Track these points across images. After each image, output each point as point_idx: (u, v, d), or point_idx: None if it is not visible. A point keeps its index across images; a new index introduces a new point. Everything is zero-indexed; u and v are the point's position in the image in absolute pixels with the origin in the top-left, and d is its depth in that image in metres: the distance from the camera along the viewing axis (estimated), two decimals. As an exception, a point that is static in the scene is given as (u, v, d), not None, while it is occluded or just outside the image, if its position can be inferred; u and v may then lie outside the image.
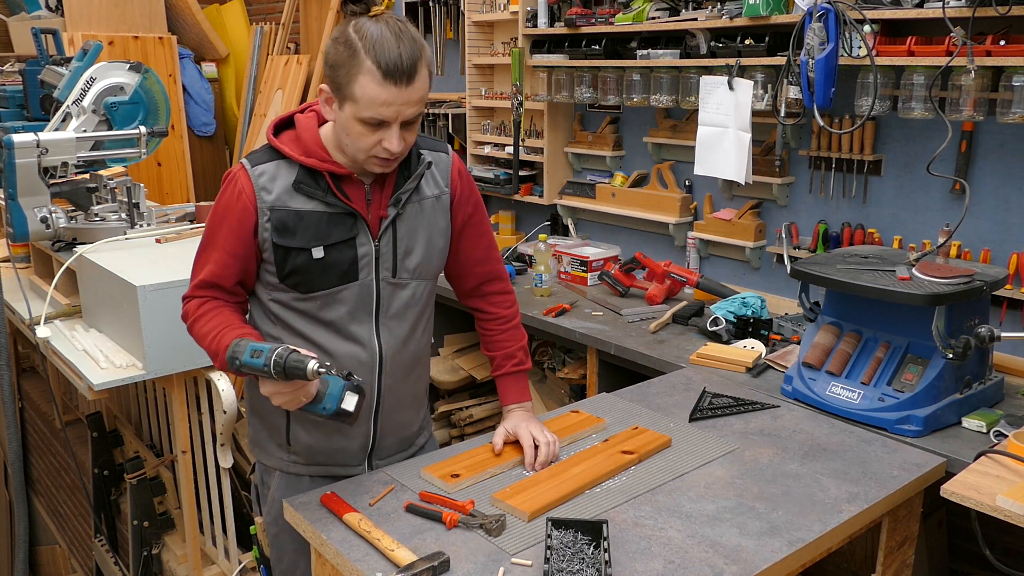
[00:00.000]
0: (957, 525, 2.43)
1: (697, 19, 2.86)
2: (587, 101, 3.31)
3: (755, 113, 2.77)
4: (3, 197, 2.90)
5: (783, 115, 2.68)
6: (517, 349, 1.91)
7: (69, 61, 3.21)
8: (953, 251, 2.46)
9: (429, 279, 1.79)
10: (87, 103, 2.94)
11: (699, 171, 2.98)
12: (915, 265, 2.10)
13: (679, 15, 2.93)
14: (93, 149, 2.93)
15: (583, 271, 3.29)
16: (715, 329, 2.58)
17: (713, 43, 2.86)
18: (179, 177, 5.22)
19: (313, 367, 1.46)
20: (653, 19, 3.00)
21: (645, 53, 3.06)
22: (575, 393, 3.16)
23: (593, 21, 3.19)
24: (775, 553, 1.47)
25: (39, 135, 2.72)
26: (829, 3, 2.42)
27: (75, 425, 3.58)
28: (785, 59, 2.58)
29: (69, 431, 3.28)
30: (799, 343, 2.36)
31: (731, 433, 1.95)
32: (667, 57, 2.99)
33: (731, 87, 2.78)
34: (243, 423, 1.95)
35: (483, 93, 3.87)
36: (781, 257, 2.86)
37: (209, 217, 1.69)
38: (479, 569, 1.42)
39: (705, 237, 3.15)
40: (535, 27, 3.41)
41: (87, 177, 3.03)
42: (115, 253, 2.66)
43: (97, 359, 2.41)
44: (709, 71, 2.88)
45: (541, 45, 3.45)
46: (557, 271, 3.39)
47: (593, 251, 3.34)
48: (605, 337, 2.67)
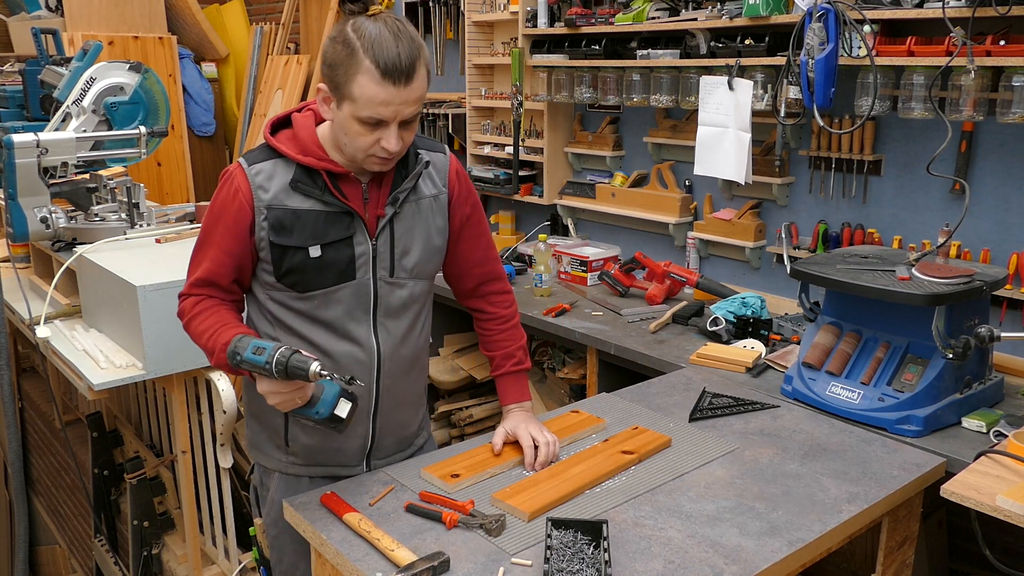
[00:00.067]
0: (957, 525, 2.43)
1: (697, 19, 2.86)
2: (587, 101, 3.31)
3: (755, 113, 2.77)
4: (3, 197, 2.90)
5: (783, 115, 2.68)
6: (516, 349, 1.91)
7: (69, 61, 3.21)
8: (953, 251, 2.46)
9: (426, 279, 1.79)
10: (87, 103, 2.94)
11: (699, 171, 2.98)
12: (915, 265, 2.10)
13: (679, 15, 2.93)
14: (93, 149, 2.93)
15: (583, 271, 3.29)
16: (715, 329, 2.58)
17: (713, 43, 2.86)
18: (179, 177, 5.23)
19: (316, 369, 1.46)
20: (653, 19, 3.00)
21: (645, 53, 3.05)
22: (575, 393, 3.16)
23: (593, 21, 3.19)
24: (775, 553, 1.47)
25: (39, 135, 2.72)
26: (829, 3, 2.42)
27: (75, 425, 3.58)
28: (785, 59, 2.58)
29: (69, 431, 3.28)
30: (799, 343, 2.36)
31: (731, 433, 1.95)
32: (667, 57, 2.99)
33: (731, 87, 2.78)
34: (243, 423, 1.94)
35: (483, 93, 3.87)
36: (781, 257, 2.86)
37: (206, 215, 1.69)
38: (479, 569, 1.42)
39: (705, 237, 3.15)
40: (535, 27, 3.41)
41: (87, 177, 3.03)
42: (115, 253, 2.66)
43: (97, 359, 2.41)
44: (709, 71, 2.88)
45: (541, 45, 3.45)
46: (557, 271, 3.39)
47: (593, 251, 3.34)
48: (605, 337, 2.68)
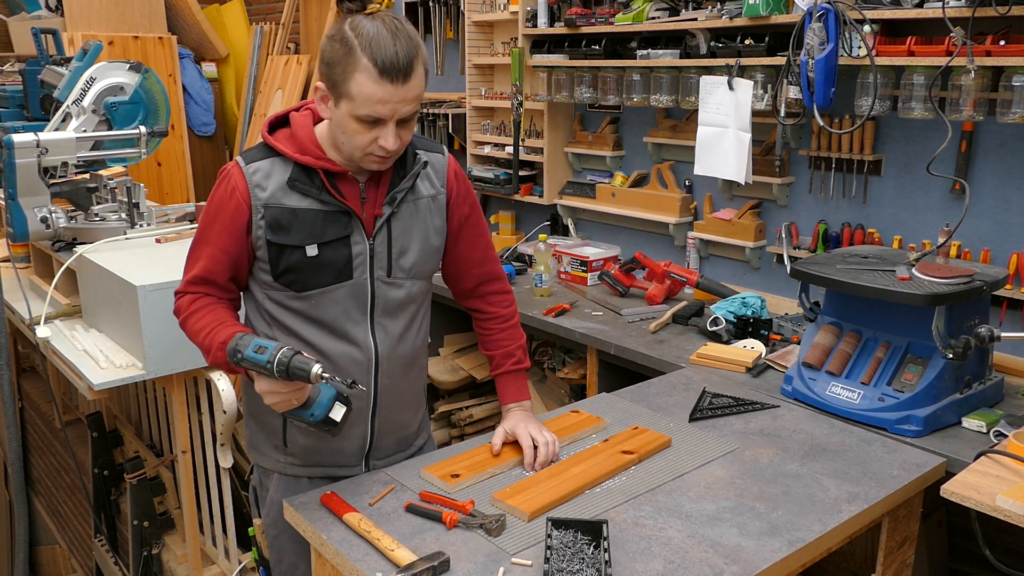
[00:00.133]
0: (957, 525, 2.43)
1: (697, 19, 2.86)
2: (587, 101, 3.31)
3: (755, 113, 2.77)
4: (3, 197, 2.90)
5: (783, 115, 2.68)
6: (516, 348, 1.91)
7: (69, 61, 3.21)
8: (953, 251, 2.46)
9: (424, 279, 1.79)
10: (87, 103, 2.94)
11: (699, 171, 2.98)
12: (915, 265, 2.09)
13: (679, 15, 2.93)
14: (93, 149, 2.93)
15: (583, 271, 3.29)
16: (715, 329, 2.58)
17: (713, 43, 2.86)
18: (179, 177, 5.23)
19: (318, 371, 1.46)
20: (653, 19, 3.00)
21: (645, 53, 3.05)
22: (575, 393, 3.16)
23: (593, 21, 3.19)
24: (775, 553, 1.47)
25: (39, 135, 2.72)
26: (829, 3, 2.42)
27: (75, 425, 3.58)
28: (785, 59, 2.58)
29: (69, 431, 3.28)
30: (799, 343, 2.36)
31: (731, 433, 1.95)
32: (667, 57, 2.99)
33: (731, 87, 2.78)
34: (243, 423, 1.94)
35: (483, 93, 3.87)
36: (781, 257, 2.86)
37: (203, 213, 1.69)
38: (479, 569, 1.42)
39: (705, 237, 3.15)
40: (535, 27, 3.41)
41: (87, 177, 3.03)
42: (115, 253, 2.66)
43: (97, 359, 2.41)
44: (709, 71, 2.88)
45: (541, 45, 3.45)
46: (557, 271, 3.39)
47: (593, 251, 3.34)
48: (605, 337, 2.67)
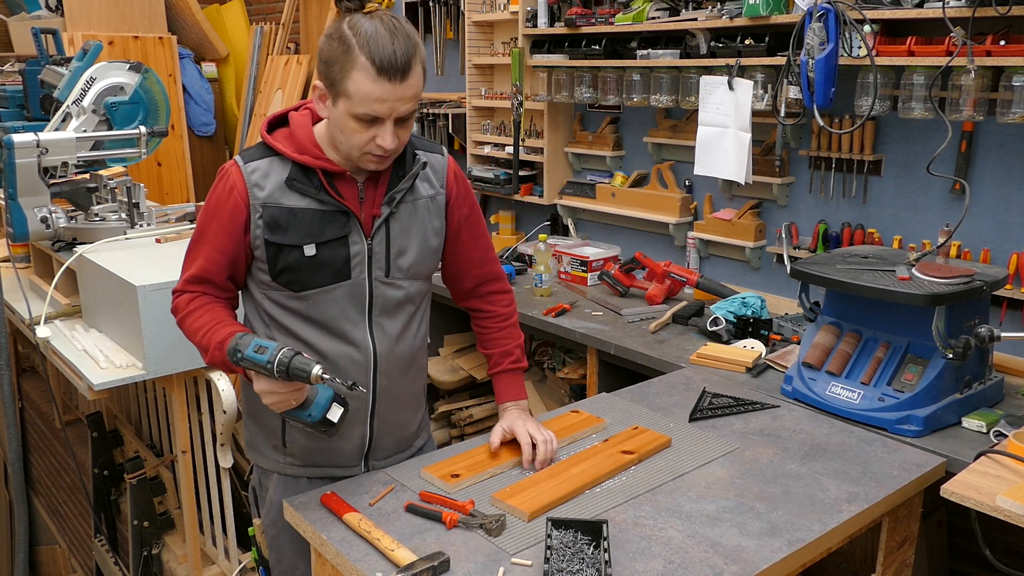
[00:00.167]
0: (957, 525, 2.43)
1: (697, 19, 2.86)
2: (587, 101, 3.31)
3: (755, 113, 2.77)
4: (3, 197, 2.90)
5: (783, 115, 2.68)
6: (514, 347, 1.91)
7: (69, 61, 3.21)
8: (953, 251, 2.46)
9: (423, 279, 1.79)
10: (87, 103, 2.94)
11: (699, 171, 2.98)
12: (915, 265, 2.09)
13: (679, 15, 2.93)
14: (93, 149, 2.93)
15: (583, 271, 3.29)
16: (715, 329, 2.58)
17: (713, 43, 2.86)
18: (179, 177, 5.23)
19: (318, 372, 1.47)
20: (653, 19, 3.00)
21: (645, 53, 3.05)
22: (575, 393, 3.16)
23: (593, 21, 3.19)
24: (775, 553, 1.47)
25: (39, 135, 2.72)
26: (829, 3, 2.42)
27: (75, 425, 3.58)
28: (785, 59, 2.58)
29: (69, 431, 3.28)
30: (799, 343, 2.36)
31: (731, 433, 1.95)
32: (667, 57, 2.99)
33: (731, 87, 2.78)
34: (243, 423, 1.94)
35: (483, 93, 3.86)
36: (781, 257, 2.86)
37: (201, 212, 1.69)
38: (479, 569, 1.42)
39: (705, 237, 3.15)
40: (535, 27, 3.41)
41: (87, 177, 3.03)
42: (115, 253, 2.66)
43: (97, 359, 2.41)
44: (709, 71, 2.88)
45: (541, 45, 3.45)
46: (557, 271, 3.39)
47: (593, 251, 3.34)
48: (605, 337, 2.67)
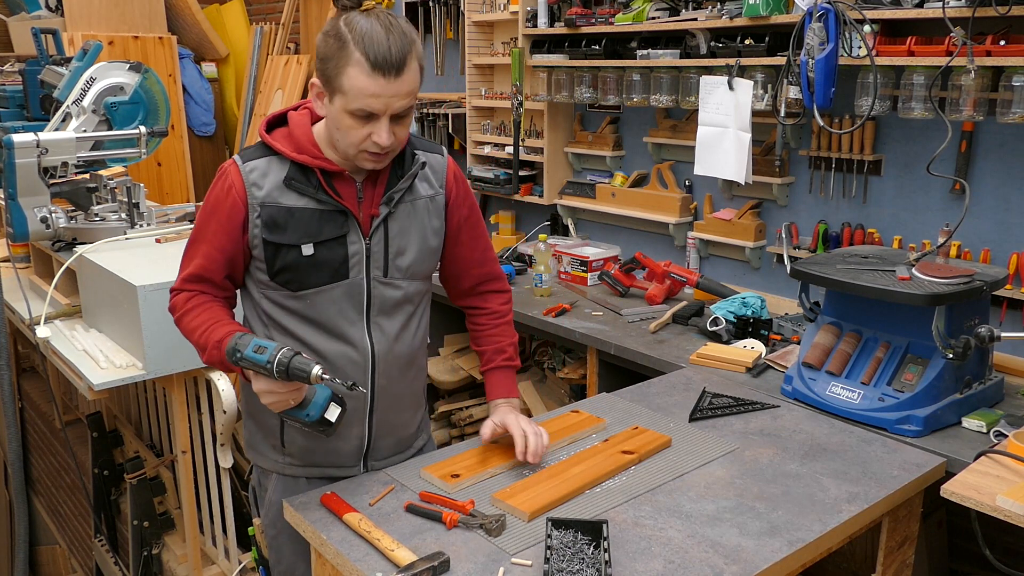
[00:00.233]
0: (957, 525, 2.43)
1: (697, 19, 2.86)
2: (587, 101, 3.31)
3: (755, 113, 2.77)
4: (3, 197, 2.90)
5: (783, 115, 2.68)
6: (508, 345, 1.90)
7: (69, 61, 3.21)
8: (953, 251, 2.46)
9: (421, 279, 1.78)
10: (87, 103, 2.94)
11: (699, 171, 2.98)
12: (915, 265, 2.09)
13: (679, 15, 2.93)
14: (93, 149, 2.92)
15: (583, 271, 3.29)
16: (715, 329, 2.58)
17: (713, 43, 2.86)
18: (179, 177, 5.23)
19: (317, 372, 1.47)
20: (653, 19, 3.00)
21: (645, 53, 3.05)
22: (575, 393, 3.16)
23: (593, 21, 3.19)
24: (775, 553, 1.47)
25: (39, 135, 2.72)
26: (829, 3, 2.42)
27: (75, 425, 3.58)
28: (785, 59, 2.58)
29: (69, 431, 3.28)
30: (799, 343, 2.36)
31: (731, 433, 1.95)
32: (667, 57, 2.99)
33: (731, 87, 2.78)
34: (242, 423, 1.94)
35: (483, 93, 3.86)
36: (781, 257, 2.86)
37: (200, 211, 1.70)
38: (479, 569, 1.42)
39: (705, 237, 3.14)
40: (535, 27, 3.41)
41: (87, 177, 3.03)
42: (115, 253, 2.66)
43: (97, 359, 2.41)
44: (709, 71, 2.88)
45: (541, 45, 3.45)
46: (557, 271, 3.39)
47: (593, 251, 3.34)
48: (605, 337, 2.67)
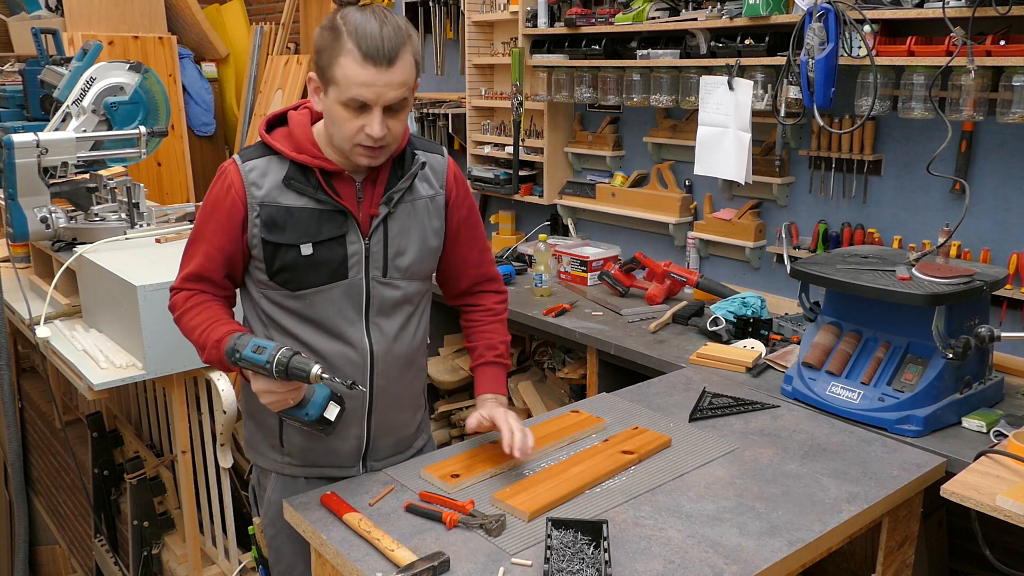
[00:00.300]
0: (957, 525, 2.43)
1: (697, 19, 2.86)
2: (587, 101, 3.31)
3: (755, 113, 2.77)
4: (3, 197, 2.90)
5: (783, 115, 2.68)
6: (499, 342, 1.89)
7: (69, 61, 3.21)
8: (953, 251, 2.46)
9: (421, 279, 1.78)
10: (87, 103, 2.94)
11: (699, 171, 2.98)
12: (915, 265, 2.09)
13: (679, 15, 2.93)
14: (93, 149, 2.93)
15: (583, 271, 3.29)
16: (715, 329, 2.58)
17: (713, 43, 2.86)
18: (179, 177, 5.23)
19: (317, 372, 1.47)
20: (653, 19, 3.00)
21: (645, 53, 3.05)
22: (575, 393, 3.16)
23: (593, 21, 3.19)
24: (775, 553, 1.47)
25: (39, 135, 2.72)
26: (829, 3, 2.42)
27: (75, 425, 3.58)
28: (785, 59, 2.58)
29: (69, 431, 3.28)
30: (799, 343, 2.36)
31: (731, 433, 1.95)
32: (667, 57, 2.99)
33: (731, 87, 2.78)
34: (242, 423, 1.95)
35: (483, 93, 3.86)
36: (781, 257, 2.86)
37: (199, 210, 1.71)
38: (479, 569, 1.42)
39: (705, 237, 3.14)
40: (535, 27, 3.41)
41: (87, 177, 3.03)
42: (115, 253, 2.66)
43: (97, 359, 2.41)
44: (709, 71, 2.88)
45: (541, 45, 3.45)
46: (557, 271, 3.39)
47: (593, 251, 3.34)
48: (605, 337, 2.67)
